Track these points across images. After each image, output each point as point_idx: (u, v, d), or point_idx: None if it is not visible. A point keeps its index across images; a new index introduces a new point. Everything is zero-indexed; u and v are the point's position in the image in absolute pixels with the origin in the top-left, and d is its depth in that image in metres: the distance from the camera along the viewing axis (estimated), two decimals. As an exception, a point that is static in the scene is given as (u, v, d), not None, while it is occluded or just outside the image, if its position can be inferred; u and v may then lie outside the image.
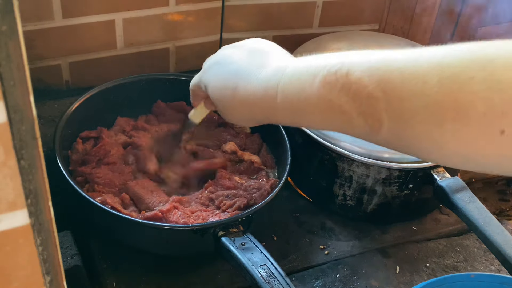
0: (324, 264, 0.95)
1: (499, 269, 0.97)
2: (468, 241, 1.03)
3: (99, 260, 0.90)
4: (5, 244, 0.38)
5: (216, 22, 1.25)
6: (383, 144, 0.58)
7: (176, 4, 1.18)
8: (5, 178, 0.35)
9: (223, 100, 0.73)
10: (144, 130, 1.05)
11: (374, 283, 0.92)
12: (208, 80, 0.76)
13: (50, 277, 0.43)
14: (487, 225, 0.86)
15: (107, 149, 0.97)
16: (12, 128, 0.34)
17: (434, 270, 0.96)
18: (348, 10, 1.34)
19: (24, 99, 0.34)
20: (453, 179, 0.95)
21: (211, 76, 0.75)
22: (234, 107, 0.72)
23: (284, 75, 0.64)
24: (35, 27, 1.07)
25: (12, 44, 0.32)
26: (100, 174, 0.93)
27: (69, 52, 1.14)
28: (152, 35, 1.20)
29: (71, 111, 0.98)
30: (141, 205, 0.91)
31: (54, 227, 0.42)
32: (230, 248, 0.80)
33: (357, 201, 1.00)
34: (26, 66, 0.34)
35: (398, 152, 0.95)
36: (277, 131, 1.04)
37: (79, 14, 1.10)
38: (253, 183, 0.98)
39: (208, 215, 0.90)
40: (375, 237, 1.01)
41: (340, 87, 0.57)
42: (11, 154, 0.35)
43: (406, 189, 0.98)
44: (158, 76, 1.12)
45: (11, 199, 0.37)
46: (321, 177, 1.02)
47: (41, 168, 0.37)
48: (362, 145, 0.95)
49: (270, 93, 0.65)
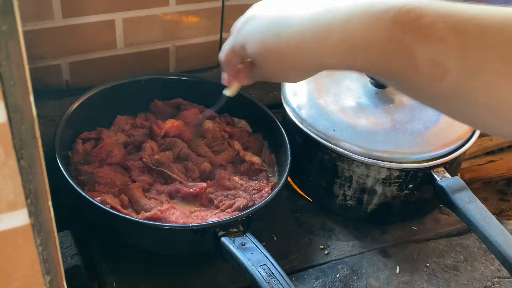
0: (324, 264, 0.95)
1: (499, 269, 0.97)
2: (468, 241, 1.03)
3: (99, 260, 0.90)
4: (5, 244, 0.38)
5: (216, 22, 1.25)
6: (438, 98, 0.58)
7: (176, 4, 1.18)
8: (5, 178, 0.36)
9: (266, 53, 0.69)
10: (143, 127, 1.05)
11: (374, 283, 0.92)
12: (245, 37, 0.72)
13: (50, 277, 0.43)
14: (487, 225, 0.86)
15: (108, 149, 0.98)
16: (12, 128, 0.34)
17: (434, 270, 0.96)
18: (348, 10, 1.34)
19: (24, 99, 0.34)
20: (453, 179, 0.95)
21: (248, 32, 0.71)
22: (278, 58, 0.68)
23: (337, 14, 0.61)
24: (35, 27, 1.07)
25: (12, 44, 0.32)
26: (102, 174, 0.93)
27: (69, 52, 1.14)
28: (152, 35, 1.20)
29: (71, 111, 0.98)
30: (138, 207, 0.91)
31: (54, 227, 0.42)
32: (230, 248, 0.80)
33: (357, 201, 1.00)
34: (26, 66, 0.34)
35: (398, 152, 0.96)
36: (277, 131, 1.04)
37: (79, 14, 1.10)
38: (254, 184, 0.98)
39: (207, 214, 0.90)
40: (375, 237, 1.01)
41: (410, 29, 0.55)
42: (11, 154, 0.35)
43: (406, 189, 0.98)
44: (158, 76, 1.12)
45: (11, 199, 0.37)
46: (321, 177, 1.02)
47: (41, 168, 0.38)
48: (362, 145, 0.95)
49: (320, 35, 0.62)
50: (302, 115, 1.01)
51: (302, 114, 1.01)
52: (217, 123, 1.10)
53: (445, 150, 0.98)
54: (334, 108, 1.01)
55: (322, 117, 0.99)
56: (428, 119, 1.02)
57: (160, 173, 0.97)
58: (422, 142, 0.98)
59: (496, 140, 1.45)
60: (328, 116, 1.00)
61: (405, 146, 0.97)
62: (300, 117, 1.01)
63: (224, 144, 1.06)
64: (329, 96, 1.04)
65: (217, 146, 1.06)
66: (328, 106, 1.02)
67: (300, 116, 1.01)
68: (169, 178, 0.97)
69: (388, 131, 0.98)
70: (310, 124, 0.99)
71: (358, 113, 1.01)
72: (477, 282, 0.95)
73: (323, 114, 1.00)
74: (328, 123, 0.98)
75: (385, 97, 1.04)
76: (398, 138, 0.97)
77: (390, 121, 1.00)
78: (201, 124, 1.06)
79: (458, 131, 1.01)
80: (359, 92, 1.05)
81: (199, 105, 1.11)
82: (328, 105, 1.02)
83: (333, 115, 1.00)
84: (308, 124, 0.99)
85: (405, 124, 1.00)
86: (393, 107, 1.03)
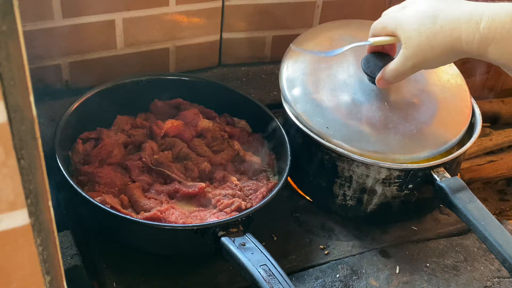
0: (324, 264, 0.95)
1: (499, 269, 0.97)
2: (468, 241, 1.03)
3: (99, 260, 0.90)
4: (5, 244, 0.38)
5: (216, 22, 1.25)
6: None
7: (176, 4, 1.18)
8: (5, 178, 0.35)
9: (422, 30, 0.83)
10: (143, 127, 1.05)
11: (374, 283, 0.92)
12: (402, 19, 0.87)
13: (50, 277, 0.43)
14: (487, 225, 0.86)
15: (108, 149, 0.98)
16: (12, 128, 0.34)
17: (434, 270, 0.96)
18: (348, 9, 1.34)
19: (24, 99, 0.34)
20: (453, 179, 0.95)
21: (406, 15, 0.87)
22: (433, 36, 0.82)
23: (486, 10, 0.77)
24: (35, 27, 1.07)
25: (12, 44, 0.32)
26: (102, 174, 0.93)
27: (69, 52, 1.14)
28: (152, 35, 1.20)
29: (71, 111, 0.98)
30: (137, 207, 0.91)
31: (54, 227, 0.42)
32: (230, 248, 0.80)
33: (357, 201, 1.00)
34: (26, 66, 0.34)
35: (398, 152, 0.96)
36: (277, 131, 1.04)
37: (79, 14, 1.10)
38: (251, 184, 0.98)
39: (206, 214, 0.90)
40: (375, 237, 1.01)
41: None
42: (11, 154, 0.35)
43: (406, 189, 0.98)
44: (158, 76, 1.12)
45: (11, 199, 0.37)
46: (321, 177, 1.02)
47: (41, 168, 0.38)
48: (362, 145, 0.95)
49: (471, 25, 0.78)
50: (304, 116, 1.00)
51: (304, 116, 1.00)
52: (217, 123, 1.10)
53: (444, 147, 0.98)
54: (329, 105, 1.00)
55: (319, 115, 0.99)
56: (421, 120, 1.00)
57: (160, 173, 0.97)
58: (422, 141, 0.98)
59: (496, 140, 1.45)
60: (327, 114, 0.99)
61: (404, 145, 0.97)
62: (302, 118, 1.00)
63: (224, 144, 1.06)
64: (327, 95, 1.03)
65: (216, 146, 1.06)
66: (325, 104, 1.01)
67: (302, 117, 1.00)
68: (169, 178, 0.97)
69: (384, 129, 0.98)
70: (312, 127, 0.98)
71: (354, 110, 0.99)
72: (477, 282, 0.95)
73: (324, 115, 1.00)
74: (322, 119, 0.98)
75: (379, 94, 1.03)
76: (398, 137, 0.97)
77: (384, 120, 0.99)
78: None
79: (456, 129, 1.01)
80: (354, 88, 1.03)
81: (199, 105, 1.11)
82: (325, 103, 1.01)
83: (330, 114, 0.99)
84: (310, 126, 0.98)
85: (398, 124, 0.99)
86: (388, 105, 1.02)
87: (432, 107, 1.03)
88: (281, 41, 1.21)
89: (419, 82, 1.06)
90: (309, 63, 1.07)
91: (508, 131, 1.48)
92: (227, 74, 1.30)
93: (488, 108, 1.53)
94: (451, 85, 1.09)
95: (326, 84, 1.03)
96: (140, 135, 1.04)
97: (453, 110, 1.05)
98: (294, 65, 1.07)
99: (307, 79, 1.04)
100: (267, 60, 1.35)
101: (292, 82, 1.05)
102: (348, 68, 1.05)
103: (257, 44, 1.32)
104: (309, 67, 1.06)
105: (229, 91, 1.13)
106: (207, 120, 1.08)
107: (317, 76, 1.04)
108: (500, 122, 1.54)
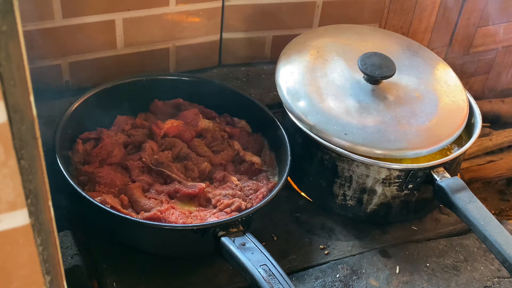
0: (324, 264, 0.95)
1: (499, 269, 0.97)
2: (468, 241, 1.03)
3: (99, 260, 0.90)
4: (5, 244, 0.38)
5: (216, 22, 1.25)
6: None
7: (176, 4, 1.18)
8: (5, 178, 0.35)
9: None
10: (143, 127, 1.05)
11: (374, 283, 0.92)
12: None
13: (50, 277, 0.43)
14: (487, 225, 0.86)
15: (108, 149, 0.98)
16: (12, 128, 0.34)
17: (434, 270, 0.96)
18: (348, 10, 1.34)
19: (24, 99, 0.34)
20: (453, 179, 0.95)
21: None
22: None
23: None
24: (35, 27, 1.07)
25: (12, 44, 0.32)
26: (102, 174, 0.93)
27: (69, 52, 1.14)
28: (152, 35, 1.20)
29: (71, 111, 0.98)
30: (137, 207, 0.91)
31: (54, 227, 0.42)
32: (230, 248, 0.80)
33: (357, 201, 1.00)
34: (26, 66, 0.34)
35: (420, 147, 0.96)
36: (277, 131, 1.04)
37: (79, 14, 1.10)
38: (251, 184, 0.98)
39: (206, 214, 0.90)
40: (375, 237, 1.01)
41: None
42: (11, 154, 0.35)
43: (406, 189, 0.98)
44: (158, 76, 1.12)
45: (11, 199, 0.37)
46: (321, 177, 1.02)
47: (41, 168, 0.38)
48: (383, 144, 0.95)
49: None
50: (305, 116, 1.00)
51: (305, 116, 1.00)
52: (217, 123, 1.10)
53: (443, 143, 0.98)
54: (339, 111, 1.00)
55: (333, 124, 0.99)
56: (429, 111, 1.01)
57: (160, 173, 0.97)
58: (422, 141, 0.98)
59: (496, 140, 1.45)
60: (340, 121, 0.98)
61: (423, 139, 0.97)
62: (300, 117, 1.00)
63: (224, 144, 1.06)
64: (333, 102, 1.03)
65: (216, 146, 1.06)
66: (335, 112, 1.01)
67: (300, 116, 1.00)
68: (169, 178, 0.97)
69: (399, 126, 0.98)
70: (318, 130, 0.98)
71: (364, 112, 1.00)
72: (477, 282, 0.95)
73: (338, 122, 0.99)
74: (338, 127, 0.97)
75: (380, 92, 1.03)
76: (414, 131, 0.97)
77: (395, 116, 0.99)
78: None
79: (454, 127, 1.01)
80: (355, 90, 1.03)
81: (199, 105, 1.11)
82: (334, 110, 1.01)
83: (343, 120, 0.98)
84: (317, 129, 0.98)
85: (410, 118, 0.99)
86: (394, 101, 1.02)
87: (434, 101, 1.04)
88: (281, 41, 1.21)
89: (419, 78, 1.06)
90: (304, 73, 1.06)
91: (508, 131, 1.49)
92: (227, 74, 1.30)
93: (488, 108, 1.53)
94: (448, 85, 1.09)
95: (328, 92, 1.03)
96: (140, 135, 1.04)
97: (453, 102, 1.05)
98: (291, 78, 1.06)
99: (308, 90, 1.04)
100: (267, 60, 1.35)
101: (295, 96, 1.03)
102: (343, 72, 1.06)
103: (257, 44, 1.32)
104: (306, 78, 1.05)
105: (229, 91, 1.13)
106: (207, 120, 1.08)
107: (317, 85, 1.04)
108: (500, 122, 1.54)
